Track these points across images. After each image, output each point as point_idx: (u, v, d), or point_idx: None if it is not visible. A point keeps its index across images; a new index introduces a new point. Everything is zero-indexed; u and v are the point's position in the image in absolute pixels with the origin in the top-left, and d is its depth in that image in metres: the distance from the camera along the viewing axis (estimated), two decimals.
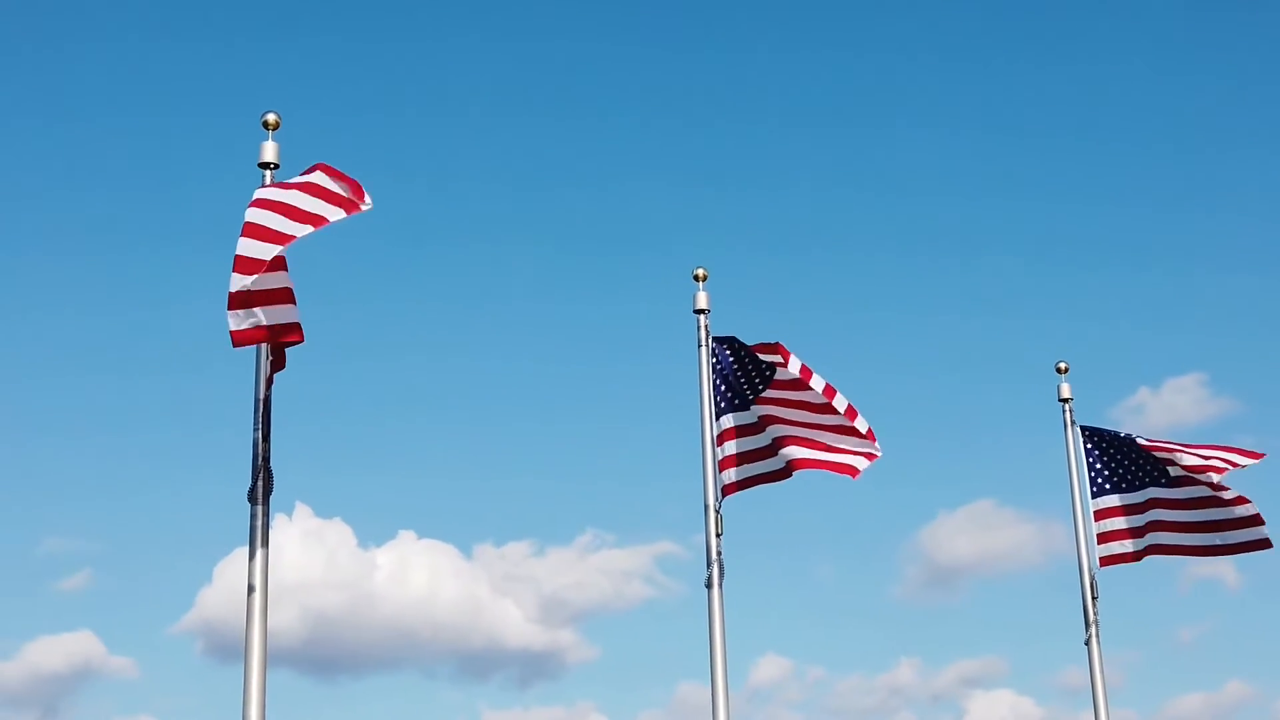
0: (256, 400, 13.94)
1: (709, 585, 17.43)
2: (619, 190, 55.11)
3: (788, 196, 55.48)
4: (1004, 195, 56.42)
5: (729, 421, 18.26)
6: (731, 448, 18.20)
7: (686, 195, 54.83)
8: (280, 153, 14.56)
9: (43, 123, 52.39)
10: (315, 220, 13.14)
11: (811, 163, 55.97)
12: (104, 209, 52.08)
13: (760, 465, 18.25)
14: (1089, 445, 21.51)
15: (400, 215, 52.23)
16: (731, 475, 18.10)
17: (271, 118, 14.62)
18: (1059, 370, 22.31)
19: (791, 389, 18.03)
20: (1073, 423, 21.92)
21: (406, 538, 47.45)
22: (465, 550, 49.33)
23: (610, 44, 56.33)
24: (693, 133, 56.25)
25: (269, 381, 13.93)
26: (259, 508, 13.64)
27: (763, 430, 18.21)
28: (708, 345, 18.45)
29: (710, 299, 18.70)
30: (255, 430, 13.85)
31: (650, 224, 54.36)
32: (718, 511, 17.77)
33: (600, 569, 49.85)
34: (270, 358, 13.89)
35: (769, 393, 18.15)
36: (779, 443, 18.16)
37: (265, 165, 14.51)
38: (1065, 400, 22.08)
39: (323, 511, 44.75)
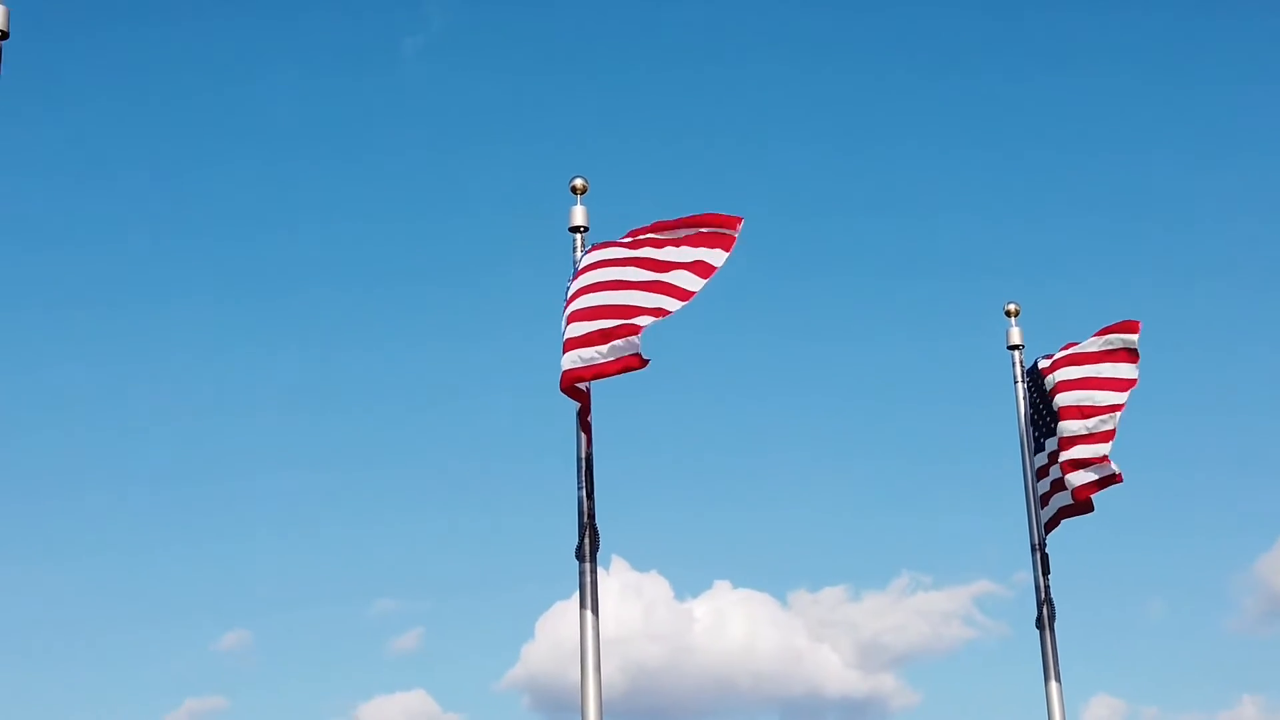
0: (579, 459, 14.20)
1: (1040, 626, 16.98)
2: (929, 222, 54.29)
3: (1097, 224, 53.86)
4: None
5: (1042, 459, 17.80)
6: (1041, 486, 17.71)
7: (997, 226, 53.67)
8: (589, 216, 14.94)
9: (360, 187, 54.62)
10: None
11: (1124, 189, 54.17)
12: (416, 267, 53.91)
13: (1060, 499, 17.64)
14: None
15: None
16: (1049, 511, 17.63)
17: (579, 182, 14.98)
18: None
19: (1074, 388, 17.27)
20: None
21: (722, 588, 47.61)
22: (780, 598, 49.18)
23: (914, 73, 55.74)
24: (1001, 161, 55.11)
25: (589, 440, 14.18)
26: (586, 565, 13.87)
27: (1055, 462, 17.61)
28: (1023, 381, 18.09)
29: (1023, 334, 18.36)
30: (579, 489, 14.09)
31: (960, 256, 53.38)
32: (1044, 550, 17.34)
33: (918, 611, 49.01)
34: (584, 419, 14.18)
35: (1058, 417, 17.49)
36: (1064, 469, 17.41)
37: (575, 229, 14.89)
38: None
39: (639, 565, 45.25)
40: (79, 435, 48.74)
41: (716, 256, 13.94)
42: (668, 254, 14.04)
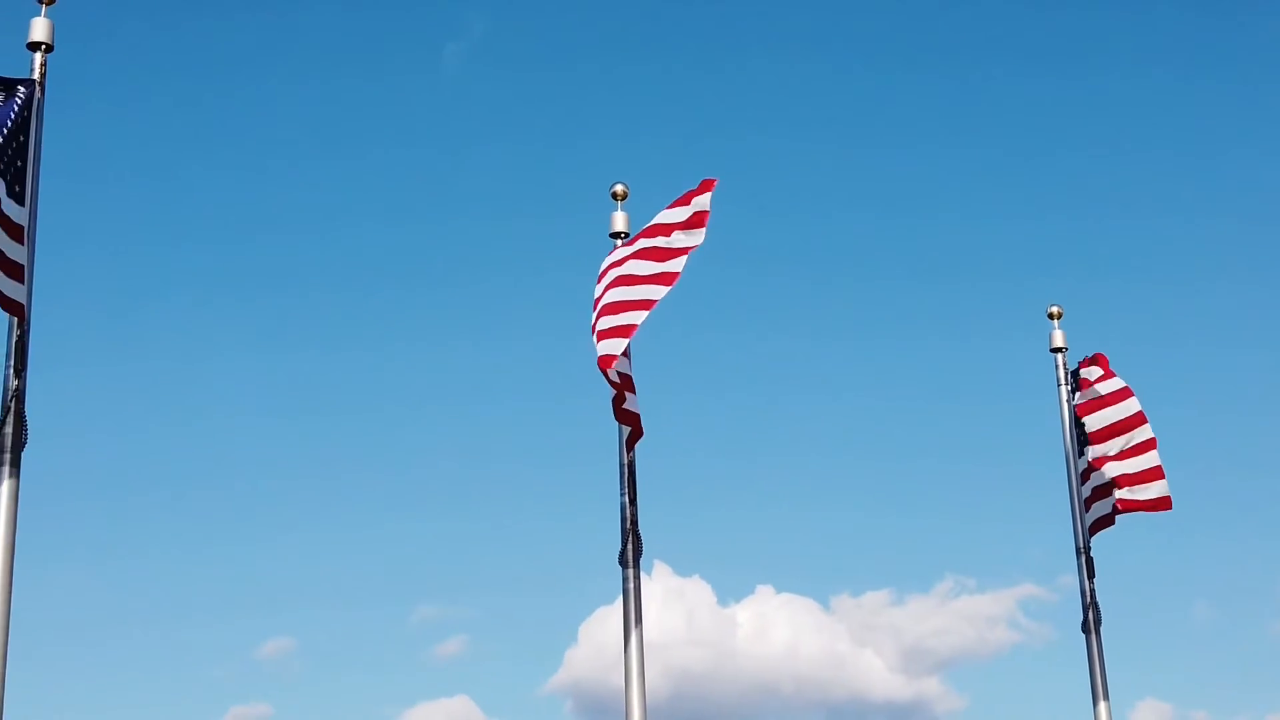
0: (621, 465, 14.23)
1: (1086, 630, 16.92)
2: (973, 225, 53.96)
3: (1140, 225, 53.45)
4: None
5: (1087, 458, 17.73)
6: (1086, 488, 17.66)
7: (1039, 226, 53.28)
8: (630, 222, 14.95)
9: (417, 202, 54.92)
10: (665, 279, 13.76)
11: (1171, 187, 53.63)
12: (459, 272, 54.10)
13: (1101, 506, 17.63)
14: None
15: (743, 244, 52.38)
16: (1095, 513, 17.59)
17: (620, 188, 15.00)
18: None
19: (1106, 406, 17.43)
20: None
21: (765, 592, 47.58)
22: (823, 602, 49.10)
23: (958, 73, 55.48)
24: (1044, 162, 54.74)
25: (631, 445, 14.19)
26: (630, 570, 13.90)
27: (1095, 469, 17.60)
28: (1067, 384, 18.03)
29: (1066, 337, 18.31)
30: (622, 494, 14.13)
31: (1003, 259, 53.03)
32: (1089, 554, 17.28)
33: (962, 615, 48.82)
34: (629, 429, 14.18)
35: (1091, 419, 17.57)
36: (1112, 483, 17.51)
37: (616, 235, 14.91)
38: None
39: (682, 570, 45.25)
40: (123, 438, 49.10)
41: (696, 236, 13.99)
42: (660, 241, 14.09)
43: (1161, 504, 17.18)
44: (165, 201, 51.98)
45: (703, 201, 14.05)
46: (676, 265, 13.77)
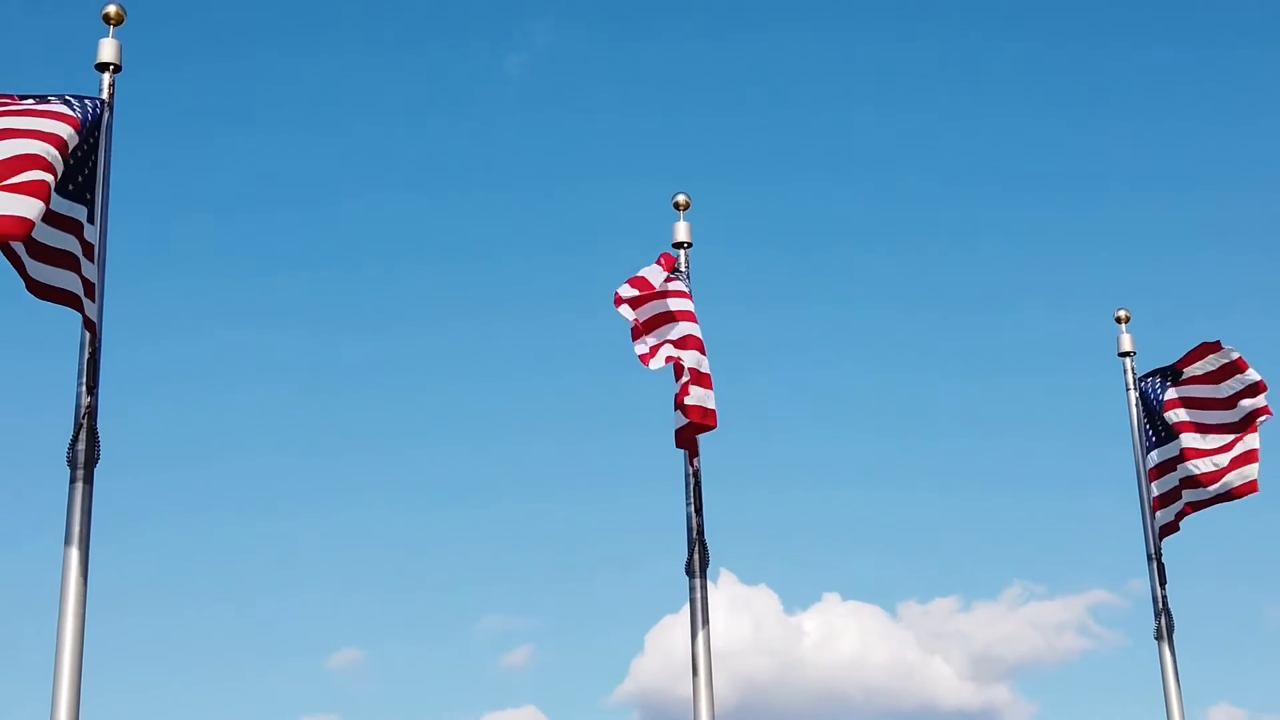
0: (686, 475, 14.26)
1: (1158, 638, 16.80)
2: (1041, 231, 53.58)
3: (1204, 228, 52.88)
4: None
5: (1155, 459, 17.55)
6: (1157, 488, 17.46)
7: (1106, 231, 52.85)
8: (692, 232, 15.03)
9: (469, 195, 55.17)
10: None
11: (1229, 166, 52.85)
12: (521, 288, 54.35)
13: (1196, 493, 17.42)
14: None
15: (790, 225, 52.17)
16: (1165, 516, 17.38)
17: (682, 198, 15.09)
18: None
19: (1201, 385, 17.26)
20: None
21: (831, 600, 47.43)
22: (890, 609, 48.90)
23: (1019, 46, 55.13)
24: (1096, 139, 54.21)
25: (692, 435, 14.15)
26: (697, 580, 13.92)
27: (1183, 462, 17.40)
28: (1135, 388, 17.91)
29: (1135, 340, 18.17)
30: (688, 505, 14.16)
31: (1071, 263, 52.59)
32: (1160, 560, 17.13)
33: (1031, 622, 48.45)
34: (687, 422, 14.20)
35: (1176, 415, 17.41)
36: (1201, 478, 17.30)
37: (679, 245, 15.01)
38: None
39: (748, 578, 45.18)
40: (188, 455, 49.62)
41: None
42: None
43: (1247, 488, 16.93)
44: (227, 200, 52.53)
45: (655, 274, 14.25)
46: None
